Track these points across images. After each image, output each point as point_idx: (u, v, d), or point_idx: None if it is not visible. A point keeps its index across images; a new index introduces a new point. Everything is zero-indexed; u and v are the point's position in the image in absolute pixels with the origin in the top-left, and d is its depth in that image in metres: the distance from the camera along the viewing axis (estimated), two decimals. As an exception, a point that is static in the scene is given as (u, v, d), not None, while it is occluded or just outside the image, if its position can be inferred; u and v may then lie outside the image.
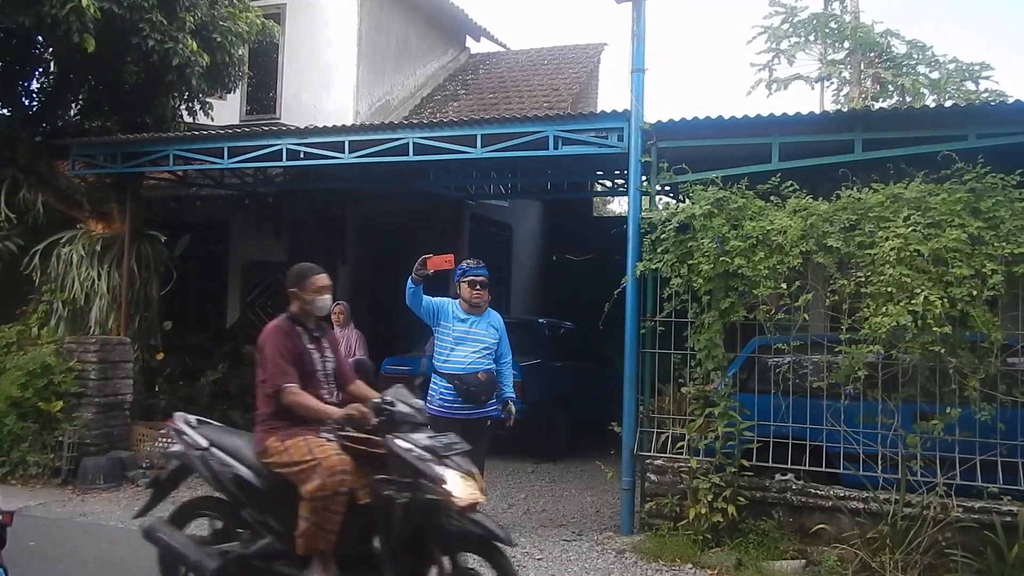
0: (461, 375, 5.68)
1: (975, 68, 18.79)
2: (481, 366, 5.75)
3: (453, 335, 5.80)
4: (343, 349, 8.33)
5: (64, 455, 7.52)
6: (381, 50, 12.36)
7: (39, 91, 9.33)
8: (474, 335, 5.81)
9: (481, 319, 5.88)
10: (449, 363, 5.76)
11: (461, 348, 5.76)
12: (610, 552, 5.81)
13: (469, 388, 5.67)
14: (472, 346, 5.77)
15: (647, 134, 6.38)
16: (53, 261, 8.82)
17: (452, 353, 5.77)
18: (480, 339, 5.81)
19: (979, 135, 5.63)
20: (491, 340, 5.86)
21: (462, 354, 5.75)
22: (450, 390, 5.69)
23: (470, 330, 5.81)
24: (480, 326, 5.85)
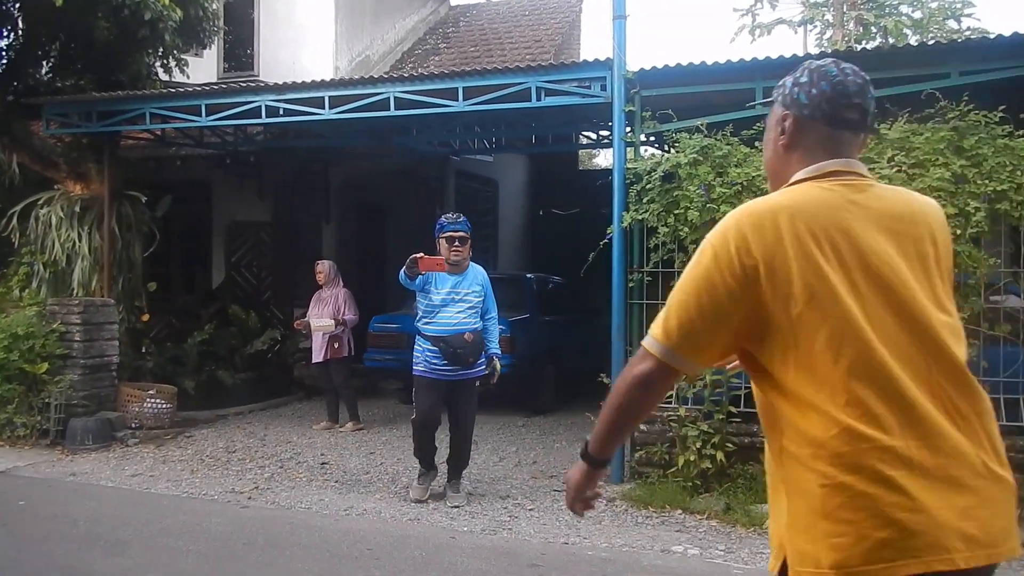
0: (446, 337, 5.53)
1: (957, 6, 18.73)
2: (467, 326, 5.60)
3: (439, 297, 5.61)
4: (331, 308, 8.30)
5: (51, 416, 7.49)
6: (359, 4, 12.14)
7: (7, 48, 9.10)
8: (459, 295, 5.64)
9: (464, 277, 5.69)
10: (433, 325, 5.60)
11: (447, 309, 5.57)
12: (601, 501, 5.82)
13: (456, 350, 5.52)
14: (457, 307, 5.60)
15: (630, 83, 6.30)
16: (32, 223, 8.70)
17: (437, 315, 5.59)
18: (465, 299, 5.65)
19: (962, 72, 5.59)
20: (476, 299, 5.69)
21: (447, 315, 5.58)
22: (436, 352, 5.55)
23: (454, 290, 5.63)
24: (464, 285, 5.67)
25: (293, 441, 7.87)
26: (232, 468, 6.83)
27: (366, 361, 9.50)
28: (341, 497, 5.98)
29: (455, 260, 5.61)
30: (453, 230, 5.59)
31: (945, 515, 1.45)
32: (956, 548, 1.44)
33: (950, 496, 1.46)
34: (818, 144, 1.72)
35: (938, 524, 1.44)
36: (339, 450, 7.51)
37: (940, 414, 1.51)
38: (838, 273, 1.54)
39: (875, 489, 1.45)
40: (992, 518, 1.50)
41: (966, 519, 1.46)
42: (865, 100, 1.71)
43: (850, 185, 1.66)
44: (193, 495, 6.04)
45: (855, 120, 1.71)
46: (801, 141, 1.75)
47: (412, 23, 13.78)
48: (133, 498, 5.97)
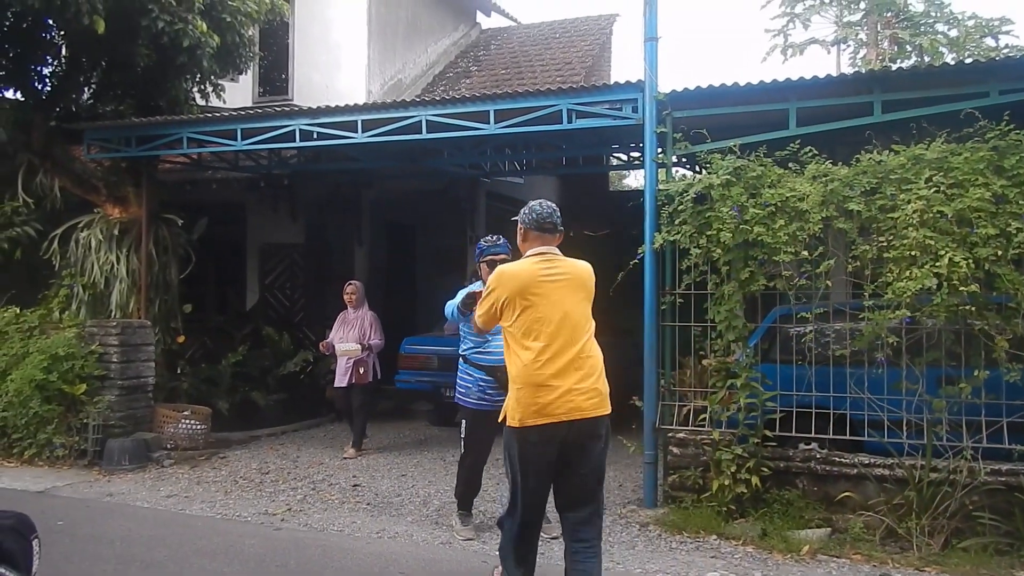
0: (500, 367, 4.76)
1: (995, 23, 18.48)
2: None
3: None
4: (357, 332, 8.27)
5: (89, 437, 7.60)
6: (392, 28, 12.29)
7: (51, 75, 9.33)
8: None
9: None
10: (486, 354, 5.26)
11: (496, 338, 4.95)
12: (634, 526, 5.80)
13: (500, 376, 4.97)
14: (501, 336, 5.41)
15: (662, 104, 6.28)
16: (72, 246, 8.88)
17: (491, 344, 5.21)
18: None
19: (1001, 91, 5.50)
20: None
21: (497, 343, 4.89)
22: (490, 382, 5.22)
23: None
24: None
25: (325, 463, 7.89)
26: (265, 490, 6.86)
27: (397, 383, 9.51)
28: (373, 520, 5.97)
29: None
30: (493, 253, 5.17)
31: (560, 398, 3.62)
32: (566, 411, 3.61)
33: (563, 392, 3.63)
34: (535, 240, 3.92)
35: (558, 401, 3.61)
36: (371, 472, 7.51)
37: (571, 361, 3.69)
38: (532, 301, 3.73)
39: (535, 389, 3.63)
40: (584, 402, 3.66)
41: (570, 401, 3.63)
42: (553, 218, 3.93)
43: (548, 259, 3.85)
44: (227, 516, 6.07)
45: (549, 228, 3.91)
46: (526, 239, 3.95)
47: (444, 46, 13.91)
48: (168, 519, 6.02)
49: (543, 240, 3.90)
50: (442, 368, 8.85)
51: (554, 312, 3.71)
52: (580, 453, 3.68)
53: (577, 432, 3.64)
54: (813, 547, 5.14)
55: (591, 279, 3.90)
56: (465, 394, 5.37)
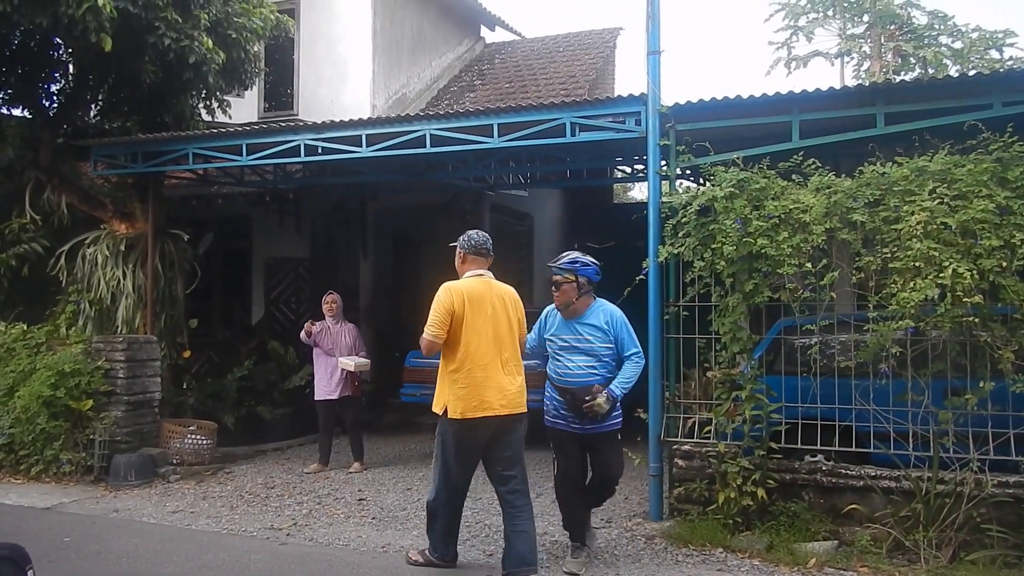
0: (572, 389, 4.95)
1: (999, 36, 18.50)
2: (594, 378, 4.96)
3: (558, 343, 5.11)
4: (346, 343, 8.23)
5: (96, 452, 7.62)
6: (396, 42, 12.36)
7: (59, 92, 9.43)
8: (577, 343, 5.06)
9: (579, 321, 5.08)
10: (558, 374, 5.08)
11: (567, 356, 5.04)
12: (640, 538, 5.78)
13: (581, 404, 4.90)
14: (577, 355, 5.04)
15: (665, 117, 6.31)
16: (79, 262, 8.93)
17: (559, 362, 5.08)
18: (584, 347, 5.03)
19: (1005, 103, 5.51)
20: (601, 345, 5.02)
21: (568, 363, 5.04)
22: (560, 401, 5.05)
23: (574, 336, 5.06)
24: (584, 330, 5.05)
25: (331, 477, 7.89)
26: (271, 504, 6.86)
27: (402, 396, 9.52)
28: (379, 534, 5.97)
29: (559, 306, 5.13)
30: (554, 272, 5.10)
31: (492, 396, 4.68)
32: (495, 407, 4.67)
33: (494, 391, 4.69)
34: (472, 263, 4.95)
35: (490, 399, 4.67)
36: (376, 486, 7.50)
37: (499, 366, 4.74)
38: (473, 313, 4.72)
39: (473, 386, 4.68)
40: (509, 401, 4.72)
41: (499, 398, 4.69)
42: (487, 244, 5.00)
43: (482, 281, 4.88)
44: (233, 531, 6.07)
45: (484, 253, 4.96)
46: (465, 261, 4.97)
47: (448, 61, 13.99)
48: (174, 534, 6.02)
49: (478, 263, 4.98)
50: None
51: (488, 325, 4.75)
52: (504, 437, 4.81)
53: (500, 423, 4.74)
54: (820, 560, 5.12)
55: (517, 299, 5.04)
56: (546, 410, 5.18)
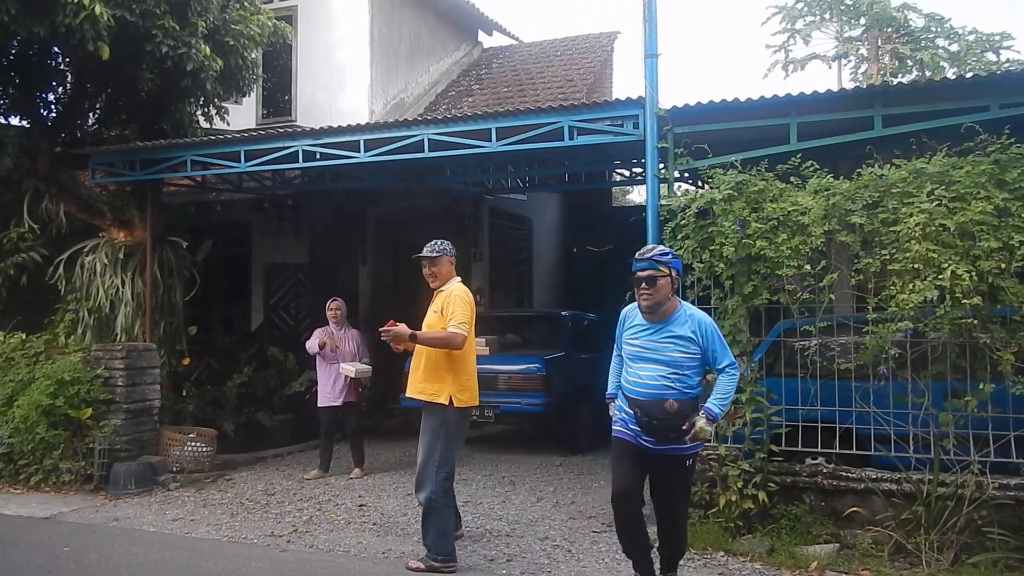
0: (641, 402, 4.28)
1: (995, 38, 18.53)
2: (668, 392, 4.24)
3: (631, 348, 4.44)
4: (350, 348, 8.23)
5: (95, 461, 7.60)
6: (394, 48, 12.37)
7: (57, 101, 9.45)
8: (656, 349, 4.33)
9: (665, 326, 4.34)
10: (629, 384, 4.42)
11: (640, 366, 4.34)
12: (641, 542, 5.76)
13: (651, 421, 4.25)
14: (653, 365, 4.31)
15: (663, 120, 6.32)
16: (77, 270, 8.92)
17: (630, 371, 4.42)
18: (663, 355, 4.30)
19: (1002, 105, 5.52)
20: (683, 355, 4.28)
21: (641, 373, 4.33)
22: (630, 415, 4.39)
23: (650, 342, 4.35)
24: (663, 336, 4.32)
25: (331, 483, 7.87)
26: (271, 511, 6.84)
27: (403, 401, 9.49)
28: (379, 540, 5.95)
29: (644, 307, 4.38)
30: (638, 268, 4.36)
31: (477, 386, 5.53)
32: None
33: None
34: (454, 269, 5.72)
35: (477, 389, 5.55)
36: (376, 492, 7.49)
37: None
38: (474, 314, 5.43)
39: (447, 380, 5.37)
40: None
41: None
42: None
43: None
44: (233, 539, 6.06)
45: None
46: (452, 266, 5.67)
47: (446, 66, 14.00)
48: (174, 542, 6.00)
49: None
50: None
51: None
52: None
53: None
54: (821, 563, 5.11)
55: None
56: (613, 420, 4.59)
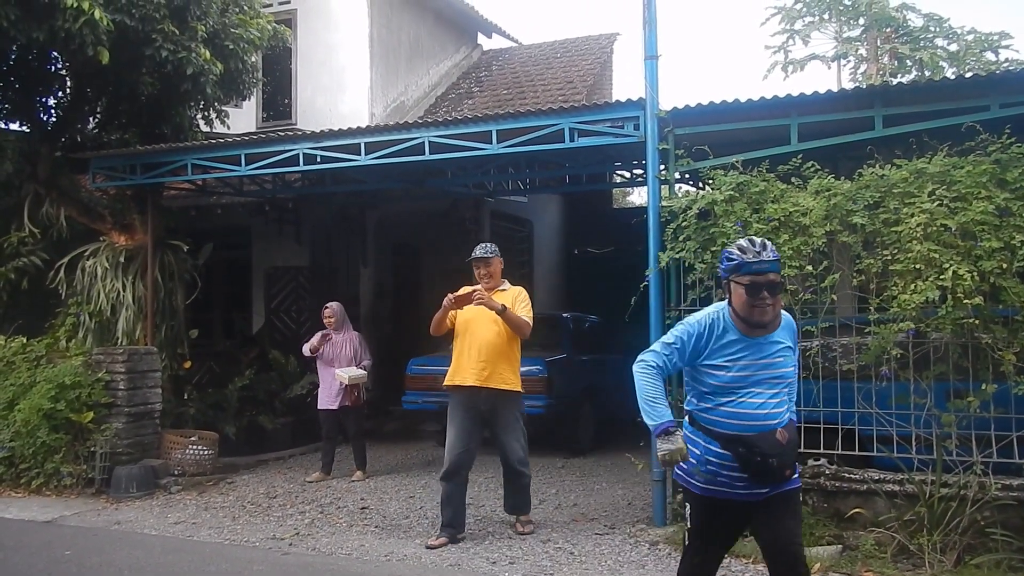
0: (748, 438, 3.30)
1: (994, 38, 18.54)
2: (780, 418, 3.36)
3: (729, 374, 3.35)
4: (347, 352, 8.17)
5: (97, 465, 7.59)
6: (393, 51, 12.38)
7: (57, 106, 9.43)
8: (766, 367, 3.36)
9: (772, 338, 3.40)
10: (723, 416, 3.36)
11: (751, 391, 3.34)
12: (643, 544, 5.76)
13: (766, 459, 3.27)
14: (765, 387, 3.35)
15: (663, 121, 6.32)
16: (78, 274, 8.91)
17: (730, 401, 3.35)
18: (776, 371, 3.38)
19: (1002, 104, 5.51)
20: (792, 367, 3.46)
21: (749, 400, 3.33)
22: (727, 459, 3.34)
23: (759, 360, 3.36)
24: (773, 349, 3.39)
25: (333, 485, 7.87)
26: (273, 514, 6.84)
27: (404, 403, 9.51)
28: (381, 542, 5.95)
29: (760, 321, 3.34)
30: (758, 271, 3.28)
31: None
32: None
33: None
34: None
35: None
36: (378, 495, 7.49)
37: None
38: None
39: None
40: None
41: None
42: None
43: None
44: (235, 542, 6.05)
45: None
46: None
47: (446, 68, 14.00)
48: (176, 546, 6.00)
49: None
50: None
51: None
52: None
53: None
54: (824, 564, 5.09)
55: None
56: (687, 472, 3.48)
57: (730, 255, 3.38)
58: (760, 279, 3.28)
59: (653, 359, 3.44)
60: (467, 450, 5.88)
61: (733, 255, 3.36)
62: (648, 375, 3.43)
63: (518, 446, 5.97)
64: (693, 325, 3.43)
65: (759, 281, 3.28)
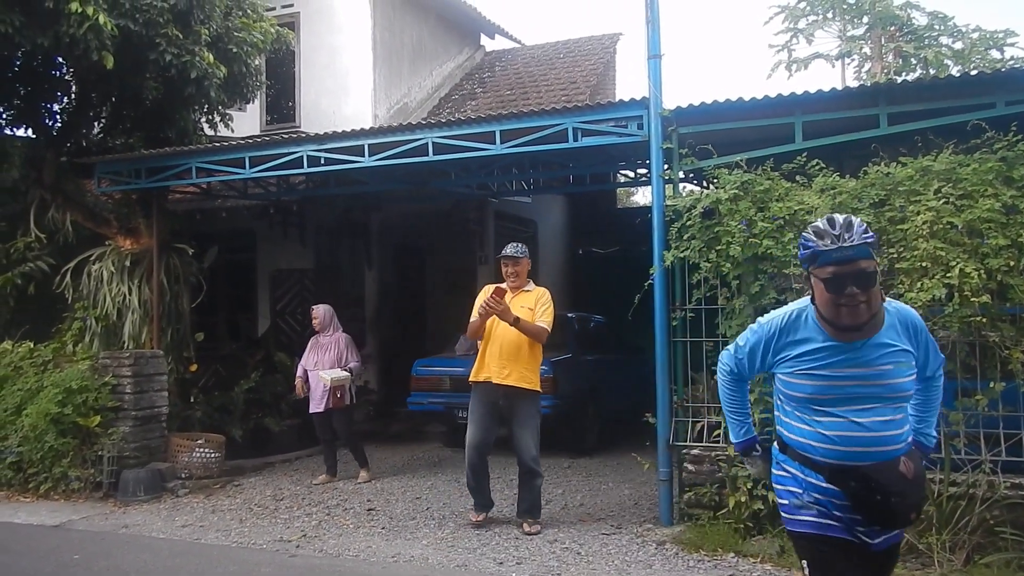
0: (861, 469, 2.61)
1: (999, 36, 18.47)
2: (900, 442, 2.67)
3: (817, 383, 2.68)
4: (332, 355, 8.11)
5: (104, 469, 7.61)
6: (396, 53, 12.39)
7: (62, 111, 9.47)
8: (868, 377, 2.64)
9: (871, 338, 2.66)
10: (819, 439, 2.67)
11: (852, 408, 2.63)
12: (650, 544, 5.75)
13: (888, 497, 2.58)
14: (876, 404, 2.64)
15: (667, 120, 6.30)
16: (84, 278, 8.93)
17: (826, 417, 2.66)
18: (884, 382, 2.64)
19: (1008, 102, 5.49)
20: (908, 377, 2.69)
21: (852, 421, 2.63)
22: (834, 493, 2.65)
23: (856, 368, 2.65)
24: (877, 353, 2.65)
25: (339, 487, 7.87)
26: (280, 516, 6.85)
27: (409, 405, 9.52)
28: (388, 544, 5.95)
29: (850, 324, 2.63)
30: (844, 259, 2.56)
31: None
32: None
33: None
34: None
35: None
36: (385, 496, 7.49)
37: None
38: None
39: None
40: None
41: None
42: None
43: None
44: (242, 545, 6.06)
45: None
46: None
47: (449, 69, 14.01)
48: (183, 549, 6.01)
49: None
50: (454, 389, 8.87)
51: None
52: None
53: None
54: (833, 564, 5.08)
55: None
56: (787, 506, 2.80)
57: (805, 241, 2.67)
58: (844, 269, 2.56)
59: (728, 361, 3.00)
60: (486, 442, 6.21)
61: (808, 241, 2.66)
62: (724, 381, 3.01)
63: (532, 443, 6.11)
64: (765, 326, 2.85)
65: (843, 273, 2.56)
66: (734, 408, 3.00)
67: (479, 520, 6.33)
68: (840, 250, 2.56)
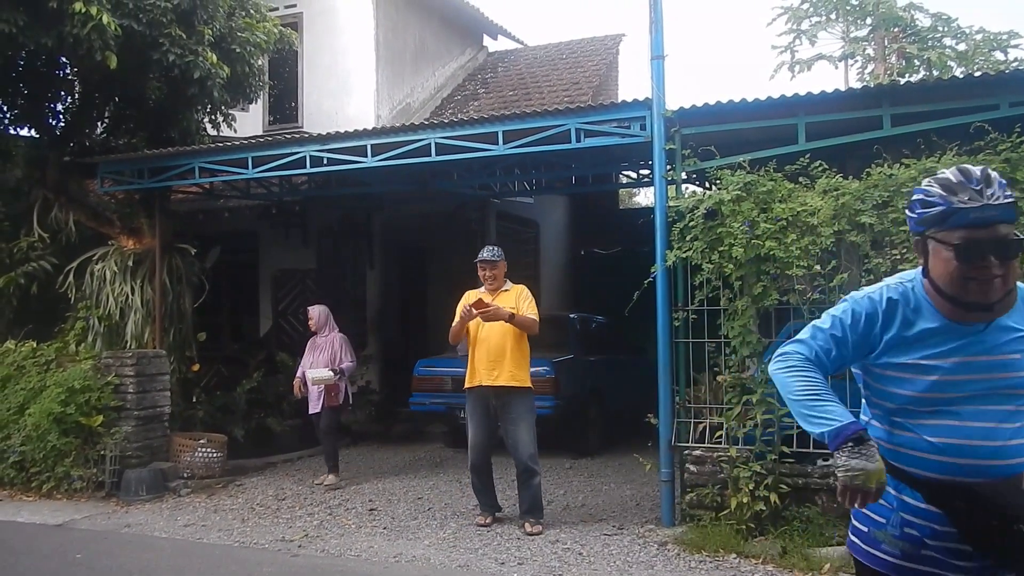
0: (972, 486, 2.09)
1: (1003, 37, 18.46)
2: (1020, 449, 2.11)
3: (931, 376, 2.12)
4: (327, 355, 8.07)
5: (107, 468, 7.62)
6: (399, 53, 12.40)
7: (65, 111, 9.48)
8: (990, 367, 2.11)
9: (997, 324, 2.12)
10: (924, 448, 2.14)
11: (960, 409, 2.10)
12: (652, 545, 5.75)
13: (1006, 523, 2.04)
14: (994, 400, 2.10)
15: (670, 121, 6.30)
16: (87, 278, 8.95)
17: (932, 420, 2.13)
18: (1008, 374, 2.11)
19: (1011, 104, 5.48)
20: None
21: (967, 426, 2.10)
22: (937, 519, 2.13)
23: (977, 358, 2.11)
24: (996, 341, 2.11)
25: (341, 487, 7.87)
26: (282, 516, 6.85)
27: (411, 405, 9.52)
28: (390, 544, 5.95)
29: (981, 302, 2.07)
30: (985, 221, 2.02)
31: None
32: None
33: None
34: None
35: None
36: (387, 496, 7.49)
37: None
38: None
39: None
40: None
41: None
42: None
43: None
44: (244, 544, 6.07)
45: None
46: None
47: (451, 70, 14.02)
48: (186, 548, 6.02)
49: None
50: (456, 389, 8.84)
51: None
52: None
53: None
54: (834, 565, 5.07)
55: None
56: (866, 534, 2.28)
57: (928, 196, 2.10)
58: (982, 234, 2.01)
59: (800, 349, 2.25)
60: (487, 444, 6.32)
61: (933, 196, 2.09)
62: (795, 369, 2.21)
63: (527, 440, 6.15)
64: (862, 301, 2.21)
65: (980, 239, 2.00)
66: (816, 392, 2.16)
67: (486, 522, 6.34)
68: (984, 208, 2.01)
